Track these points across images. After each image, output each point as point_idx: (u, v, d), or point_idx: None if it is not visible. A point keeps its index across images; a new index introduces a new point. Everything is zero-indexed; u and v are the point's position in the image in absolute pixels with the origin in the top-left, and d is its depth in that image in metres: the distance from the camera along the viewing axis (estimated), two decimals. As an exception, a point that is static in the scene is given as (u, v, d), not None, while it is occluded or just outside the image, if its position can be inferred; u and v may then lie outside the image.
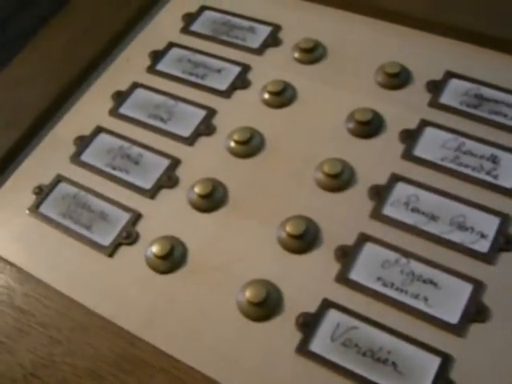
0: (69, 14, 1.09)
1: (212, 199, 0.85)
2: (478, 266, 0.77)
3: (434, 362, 0.71)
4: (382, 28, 0.99)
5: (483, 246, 0.77)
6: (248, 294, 0.76)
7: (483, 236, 0.78)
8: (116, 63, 1.04)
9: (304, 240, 0.80)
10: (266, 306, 0.76)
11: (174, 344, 0.76)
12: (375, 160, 0.85)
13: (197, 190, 0.85)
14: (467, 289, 0.75)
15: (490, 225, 0.79)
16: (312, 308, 0.76)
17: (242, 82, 0.97)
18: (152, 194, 0.88)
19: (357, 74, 0.94)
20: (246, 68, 0.98)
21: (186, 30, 1.06)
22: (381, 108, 0.89)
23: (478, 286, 0.75)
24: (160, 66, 1.02)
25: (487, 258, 0.76)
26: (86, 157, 0.94)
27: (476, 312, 0.73)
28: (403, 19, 0.97)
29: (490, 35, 0.92)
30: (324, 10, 1.03)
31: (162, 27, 1.08)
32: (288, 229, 0.80)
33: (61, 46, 1.05)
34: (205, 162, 0.90)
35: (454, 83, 0.91)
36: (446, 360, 0.71)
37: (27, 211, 0.90)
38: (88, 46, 1.04)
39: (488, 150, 0.84)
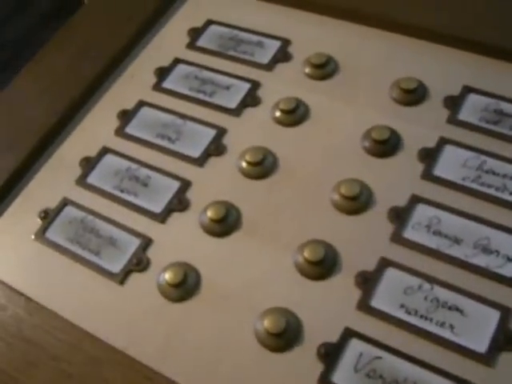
0: (71, 30, 1.06)
1: (225, 223, 0.82)
2: (505, 292, 0.74)
3: (464, 393, 0.68)
4: (395, 41, 0.96)
5: (510, 271, 0.74)
6: (266, 323, 0.74)
7: (509, 260, 0.75)
8: (121, 80, 1.01)
9: (323, 266, 0.77)
10: (285, 336, 0.74)
11: (189, 376, 0.74)
12: (394, 180, 0.82)
13: (209, 213, 0.82)
14: (495, 316, 0.72)
15: (513, 247, 0.75)
16: (333, 337, 0.73)
17: (252, 99, 0.94)
18: (162, 218, 0.85)
19: (371, 90, 0.91)
20: (255, 85, 0.95)
21: (192, 45, 1.03)
22: (397, 125, 0.87)
23: (506, 313, 0.72)
24: (166, 84, 0.99)
25: (514, 282, 0.73)
26: (92, 179, 0.91)
27: (505, 340, 0.70)
28: (418, 32, 0.94)
29: (508, 48, 0.89)
30: (335, 24, 1.00)
31: (168, 43, 1.05)
32: (306, 254, 0.77)
33: (63, 63, 1.02)
34: (216, 183, 0.87)
35: (473, 98, 0.88)
36: (479, 392, 0.68)
37: (33, 236, 0.87)
38: (91, 64, 1.01)
39: (511, 169, 0.81)
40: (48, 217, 0.89)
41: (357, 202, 0.81)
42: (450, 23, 0.93)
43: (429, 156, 0.84)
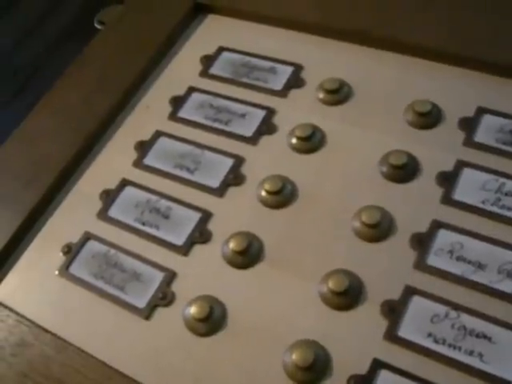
0: (84, 64, 1.07)
1: (248, 254, 0.83)
2: (532, 317, 0.74)
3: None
4: (407, 64, 0.96)
5: (535, 295, 0.74)
6: (295, 356, 0.74)
7: (535, 284, 0.75)
8: (136, 112, 1.02)
9: (348, 296, 0.78)
10: (314, 369, 0.74)
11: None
12: (413, 206, 0.83)
13: (232, 245, 0.83)
14: (523, 343, 0.72)
15: (540, 271, 0.76)
16: (362, 369, 0.74)
17: (267, 126, 0.94)
18: (185, 250, 0.86)
19: (386, 114, 0.92)
20: (270, 112, 0.96)
21: (205, 72, 1.04)
22: (414, 149, 0.87)
23: (535, 339, 0.72)
24: (182, 113, 1.00)
25: (540, 307, 0.74)
26: (113, 212, 0.92)
27: (534, 366, 0.70)
28: (430, 54, 0.95)
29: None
30: (346, 47, 1.00)
31: (181, 71, 1.05)
32: (330, 285, 0.78)
33: (78, 97, 1.03)
34: (236, 214, 0.88)
35: (488, 119, 0.88)
36: (507, 419, 0.68)
37: (57, 272, 0.88)
38: (106, 96, 1.02)
39: (530, 191, 0.81)
40: (71, 252, 0.90)
41: (378, 229, 0.81)
42: (462, 44, 0.93)
43: (447, 180, 0.84)
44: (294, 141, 0.91)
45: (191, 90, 1.02)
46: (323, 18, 1.02)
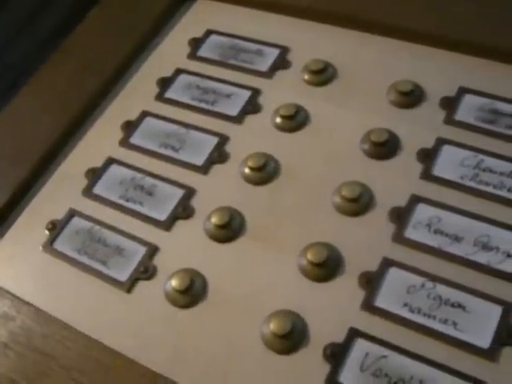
0: (72, 45, 1.08)
1: (230, 229, 0.84)
2: (507, 287, 0.75)
3: (473, 390, 0.69)
4: (391, 46, 0.97)
5: (509, 266, 0.76)
6: (272, 326, 0.75)
7: (509, 256, 0.76)
8: (124, 92, 1.03)
9: (326, 267, 0.78)
10: (291, 337, 0.75)
11: (198, 381, 0.75)
12: (393, 181, 0.84)
13: (214, 219, 0.84)
14: (497, 311, 0.73)
15: (513, 244, 0.77)
16: (339, 338, 0.74)
17: (252, 106, 0.95)
18: (167, 225, 0.87)
19: (369, 94, 0.93)
20: (256, 92, 0.97)
21: (193, 55, 1.05)
22: (395, 127, 0.88)
23: (508, 308, 0.73)
24: (169, 94, 1.01)
25: (515, 278, 0.75)
26: (98, 189, 0.93)
27: (507, 335, 0.71)
28: (412, 36, 0.96)
29: (501, 49, 0.90)
30: (332, 30, 1.02)
31: (169, 53, 1.06)
32: (309, 257, 0.78)
33: (66, 77, 1.04)
34: (220, 190, 0.89)
35: (469, 99, 0.89)
36: (483, 387, 0.69)
37: (41, 248, 0.89)
38: (94, 77, 1.03)
39: (508, 167, 0.83)
40: (55, 228, 0.90)
41: (358, 203, 0.82)
42: (443, 26, 0.95)
43: (427, 156, 0.85)
44: (278, 120, 0.93)
45: (179, 71, 1.03)
46: (310, 1, 1.03)
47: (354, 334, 0.75)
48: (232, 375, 0.75)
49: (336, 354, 0.74)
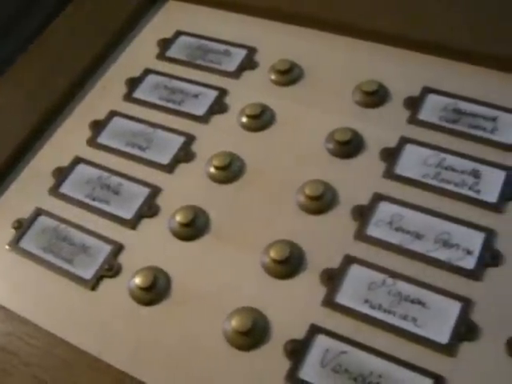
0: (43, 44, 1.08)
1: (194, 227, 0.84)
2: (466, 283, 0.76)
3: (426, 383, 0.70)
4: (357, 46, 0.98)
5: (469, 263, 0.77)
6: (234, 323, 0.75)
7: (469, 252, 0.77)
8: (93, 92, 1.03)
9: (288, 265, 0.79)
10: (252, 334, 0.75)
11: (161, 378, 0.75)
12: (357, 180, 0.85)
13: (178, 218, 0.84)
14: (456, 307, 0.74)
15: (475, 241, 0.78)
16: (300, 334, 0.75)
17: (219, 106, 0.96)
18: (133, 224, 0.87)
19: (334, 94, 0.93)
20: (222, 92, 0.97)
21: (161, 55, 1.06)
22: (360, 127, 0.89)
23: (467, 304, 0.74)
24: (137, 94, 1.01)
25: (474, 274, 0.76)
26: (65, 188, 0.93)
27: (466, 331, 0.72)
28: (378, 37, 0.97)
29: (465, 49, 0.92)
30: (299, 31, 1.02)
31: (138, 54, 1.07)
32: (272, 254, 0.79)
33: (36, 77, 1.04)
34: (185, 189, 0.89)
35: (432, 99, 0.90)
36: (438, 381, 0.70)
37: (7, 246, 0.89)
38: (64, 76, 1.03)
39: (469, 165, 0.83)
40: (21, 227, 0.90)
41: (321, 201, 0.83)
42: (408, 26, 0.96)
43: (390, 155, 0.86)
44: (244, 119, 0.93)
45: (147, 71, 1.04)
46: (277, 3, 1.04)
47: (314, 330, 0.75)
48: (194, 372, 0.75)
49: (296, 351, 0.74)
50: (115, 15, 1.11)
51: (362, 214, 0.81)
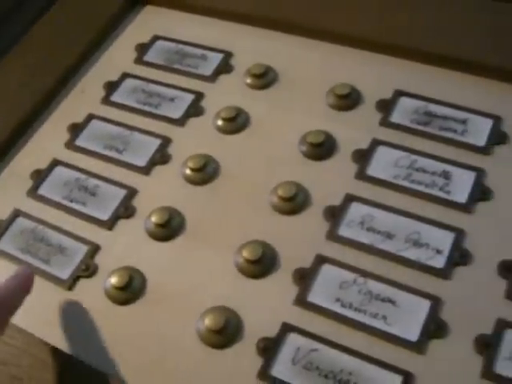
0: (23, 48, 1.09)
1: (169, 228, 0.85)
2: (435, 282, 0.77)
3: (396, 380, 0.71)
4: (331, 50, 1.00)
5: (439, 262, 0.78)
6: (207, 321, 0.77)
7: (438, 252, 0.78)
8: (71, 95, 1.05)
9: (261, 264, 0.80)
10: (225, 332, 0.76)
11: (136, 376, 0.76)
12: (329, 181, 0.86)
13: (153, 219, 0.85)
14: (425, 305, 0.76)
15: (444, 240, 0.79)
16: (272, 332, 0.76)
17: (195, 109, 0.97)
18: (109, 225, 0.88)
19: (308, 97, 0.95)
20: (199, 96, 0.99)
21: (139, 60, 1.07)
22: (333, 129, 0.90)
23: (436, 302, 0.75)
24: (115, 97, 1.02)
25: (443, 273, 0.77)
26: (43, 190, 0.94)
27: (435, 328, 0.74)
28: (352, 41, 0.98)
29: (436, 53, 0.93)
30: (275, 35, 1.04)
31: (116, 58, 1.08)
32: (245, 254, 0.80)
33: (15, 79, 1.05)
34: (161, 190, 0.90)
35: (404, 101, 0.92)
36: (407, 378, 0.71)
37: (-15, 248, 0.89)
38: (42, 80, 1.04)
39: (440, 166, 0.85)
40: (0, 228, 0.91)
41: (293, 202, 0.84)
42: (381, 31, 0.97)
43: (362, 157, 0.87)
44: (219, 122, 0.95)
45: (125, 75, 1.05)
46: (254, 8, 1.05)
47: (286, 328, 0.76)
48: (168, 370, 0.76)
49: (268, 348, 0.75)
50: (95, 19, 1.12)
51: (334, 215, 0.83)
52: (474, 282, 0.77)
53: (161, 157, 0.93)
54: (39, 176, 0.96)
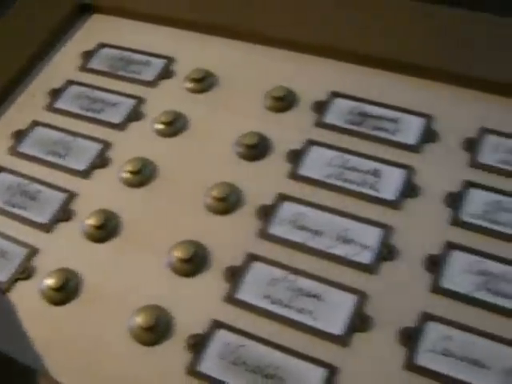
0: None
1: (105, 229, 0.86)
2: (362, 277, 0.78)
3: (320, 373, 0.73)
4: (270, 54, 1.02)
5: (366, 258, 0.79)
6: (138, 319, 0.78)
7: (365, 247, 0.79)
8: (17, 103, 1.06)
9: (193, 263, 0.81)
10: (156, 330, 0.78)
11: (71, 375, 0.77)
12: (263, 181, 0.87)
13: (90, 221, 0.87)
14: (351, 300, 0.77)
15: (372, 236, 0.81)
16: (203, 329, 0.77)
17: (136, 114, 0.99)
18: (48, 228, 0.89)
19: (246, 100, 0.97)
20: (140, 101, 1.00)
21: (84, 67, 1.08)
22: (268, 131, 0.92)
23: (362, 297, 0.76)
24: (59, 104, 1.04)
25: (370, 268, 0.79)
26: (-15, 196, 0.95)
27: (359, 322, 0.75)
28: (290, 45, 1.00)
29: (370, 55, 0.95)
30: (216, 41, 1.06)
31: (62, 66, 1.10)
32: (177, 253, 0.81)
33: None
34: (100, 193, 0.91)
35: (339, 103, 0.94)
36: (331, 371, 0.72)
37: None
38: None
39: (371, 165, 0.87)
40: None
41: (227, 202, 0.86)
42: (316, 34, 0.99)
43: (296, 157, 0.89)
44: (158, 126, 0.96)
45: (69, 82, 1.07)
46: (197, 14, 1.07)
47: (215, 325, 0.78)
48: (101, 367, 0.77)
49: (198, 345, 0.76)
50: (40, 29, 1.13)
51: (266, 214, 0.84)
52: (400, 277, 0.78)
53: (101, 161, 0.95)
54: (-19, 182, 0.96)
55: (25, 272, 0.86)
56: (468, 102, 0.92)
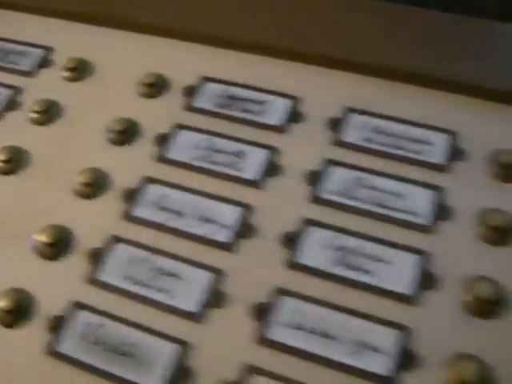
0: None
1: (-26, 219, 0.87)
2: (220, 256, 0.80)
3: (173, 349, 0.74)
4: (146, 41, 1.03)
5: (224, 236, 0.81)
6: (1, 302, 0.78)
7: (224, 226, 0.81)
8: None
9: (56, 246, 0.82)
10: (16, 312, 0.78)
11: None
12: (130, 166, 0.89)
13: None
14: (207, 278, 0.78)
15: (232, 216, 0.83)
16: (64, 311, 0.78)
17: (11, 104, 0.99)
18: None
19: (120, 87, 0.98)
20: (17, 90, 1.01)
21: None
22: (139, 116, 0.93)
23: (218, 274, 0.78)
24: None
25: (227, 246, 0.80)
26: None
27: (214, 299, 0.76)
28: (163, 32, 1.01)
29: (241, 39, 0.97)
30: (95, 30, 1.06)
31: None
32: (41, 237, 0.82)
33: None
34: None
35: (210, 87, 0.95)
36: (184, 346, 0.74)
37: None
38: None
39: (236, 147, 0.88)
40: None
41: (93, 187, 0.87)
42: (190, 21, 1.01)
43: (164, 141, 0.90)
44: (32, 115, 0.97)
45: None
46: (74, 4, 1.08)
47: (76, 306, 0.78)
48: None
49: (57, 326, 0.77)
50: None
51: (131, 197, 0.85)
52: (257, 254, 0.80)
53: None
54: None
55: None
56: (335, 82, 0.94)
